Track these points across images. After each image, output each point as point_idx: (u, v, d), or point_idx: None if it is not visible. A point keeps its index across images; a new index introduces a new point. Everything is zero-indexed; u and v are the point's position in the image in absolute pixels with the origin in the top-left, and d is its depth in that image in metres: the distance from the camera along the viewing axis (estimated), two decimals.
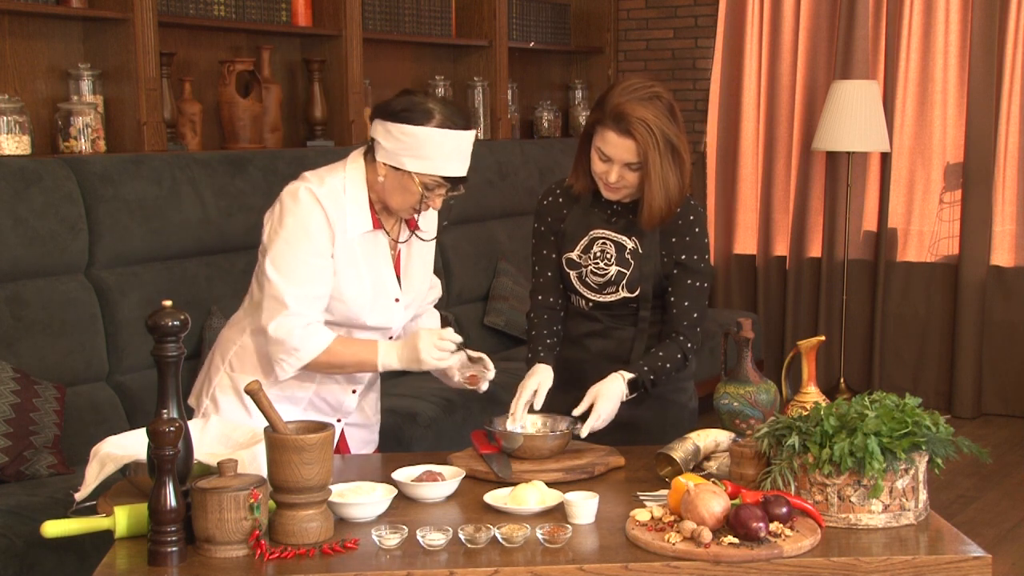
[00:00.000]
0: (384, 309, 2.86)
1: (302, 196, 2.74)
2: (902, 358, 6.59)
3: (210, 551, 2.15)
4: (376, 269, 2.84)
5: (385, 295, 2.86)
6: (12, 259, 3.75)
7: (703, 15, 7.00)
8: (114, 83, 4.44)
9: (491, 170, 5.84)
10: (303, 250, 2.72)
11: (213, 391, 2.89)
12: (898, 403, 2.37)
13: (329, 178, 2.79)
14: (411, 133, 2.69)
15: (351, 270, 2.79)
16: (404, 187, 2.74)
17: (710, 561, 2.14)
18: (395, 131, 2.70)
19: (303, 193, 2.75)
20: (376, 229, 2.83)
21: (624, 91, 2.81)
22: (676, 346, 2.96)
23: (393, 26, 5.70)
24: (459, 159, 2.75)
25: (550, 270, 3.05)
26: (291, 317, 2.71)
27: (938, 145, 6.39)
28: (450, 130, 2.71)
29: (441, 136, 2.70)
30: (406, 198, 2.76)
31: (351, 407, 2.94)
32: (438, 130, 2.69)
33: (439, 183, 2.74)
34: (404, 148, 2.70)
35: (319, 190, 2.75)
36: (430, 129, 2.69)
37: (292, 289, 2.71)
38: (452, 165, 2.73)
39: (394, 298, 2.88)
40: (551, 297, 3.06)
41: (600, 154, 2.85)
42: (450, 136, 2.71)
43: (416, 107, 2.71)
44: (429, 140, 2.69)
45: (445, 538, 2.20)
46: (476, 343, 5.47)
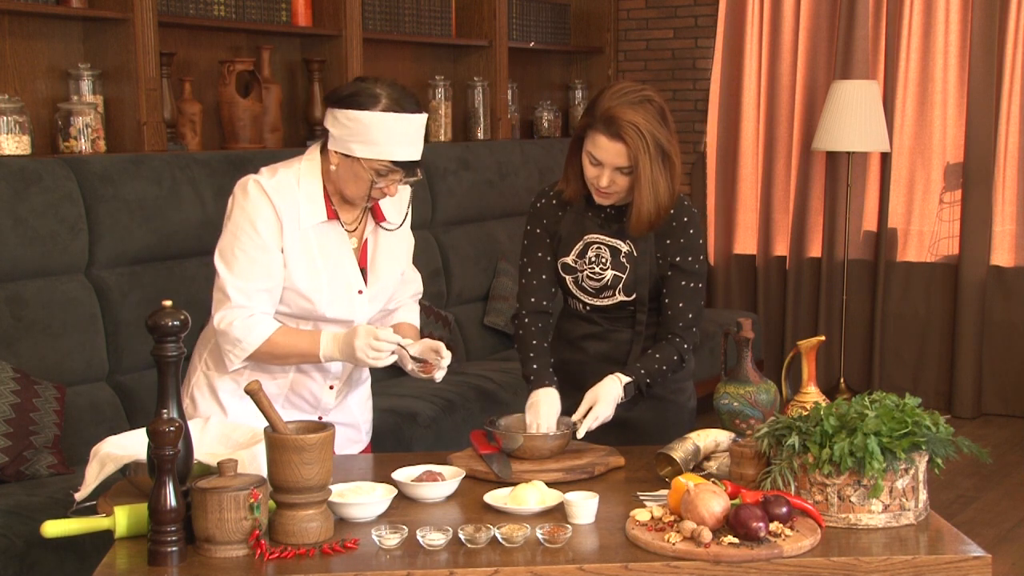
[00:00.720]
0: (344, 301, 2.81)
1: (249, 189, 2.73)
2: (902, 358, 6.59)
3: (210, 551, 2.15)
4: (334, 260, 2.80)
5: (346, 287, 2.81)
6: (12, 259, 3.75)
7: (703, 15, 7.00)
8: (114, 83, 4.44)
9: (491, 170, 5.85)
10: (247, 243, 2.71)
11: (192, 390, 2.89)
12: (898, 403, 2.37)
13: (283, 170, 2.77)
14: (357, 118, 2.65)
15: (305, 262, 2.76)
16: (355, 174, 2.71)
17: (710, 561, 2.14)
18: (342, 117, 2.67)
19: (251, 186, 2.73)
20: (331, 219, 2.78)
21: (615, 95, 2.80)
22: (672, 348, 2.96)
23: (393, 26, 5.70)
24: (408, 143, 2.69)
25: (544, 272, 3.04)
26: (233, 309, 2.71)
27: (938, 145, 6.39)
28: (397, 113, 2.66)
29: (389, 120, 2.65)
30: (359, 186, 2.72)
31: (329, 403, 2.91)
32: (385, 114, 2.65)
33: (390, 168, 2.70)
34: (352, 134, 2.67)
35: (268, 182, 2.73)
36: (376, 113, 2.65)
37: (236, 282, 2.71)
38: (401, 149, 2.68)
39: (356, 290, 2.84)
40: (544, 300, 3.03)
41: (591, 158, 2.84)
42: (398, 119, 2.66)
43: (363, 92, 2.67)
44: (376, 124, 2.65)
45: (445, 538, 2.20)
46: (476, 343, 5.47)
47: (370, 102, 2.66)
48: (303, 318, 2.81)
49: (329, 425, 2.28)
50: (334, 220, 2.80)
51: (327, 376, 2.88)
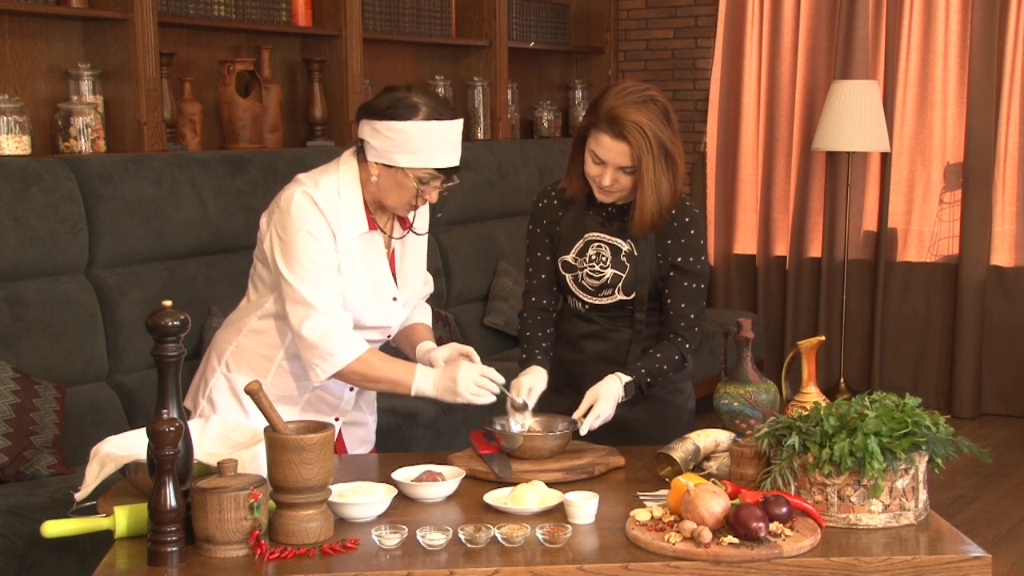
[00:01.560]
0: (383, 309, 2.86)
1: (301, 201, 2.73)
2: (902, 358, 6.59)
3: (210, 551, 2.15)
4: (373, 269, 2.84)
5: (383, 295, 2.86)
6: (12, 259, 3.75)
7: (703, 15, 7.00)
8: (114, 83, 4.44)
9: (491, 170, 5.85)
10: (314, 251, 2.72)
11: (209, 392, 2.89)
12: (898, 403, 2.37)
13: (323, 180, 2.78)
14: (399, 129, 2.69)
15: (349, 272, 2.79)
16: (399, 184, 2.74)
17: (710, 561, 2.14)
18: (383, 129, 2.71)
19: (301, 197, 2.74)
20: (372, 230, 2.83)
21: (619, 94, 2.80)
22: (674, 347, 2.96)
23: (393, 26, 5.70)
24: (450, 149, 2.76)
25: (544, 272, 3.05)
26: (321, 316, 2.71)
27: (938, 145, 6.39)
28: (438, 121, 2.72)
29: (430, 128, 2.71)
30: (402, 194, 2.76)
31: (348, 404, 2.94)
32: (426, 123, 2.70)
33: (433, 175, 2.75)
34: (394, 145, 2.71)
35: (315, 193, 2.74)
36: (418, 123, 2.70)
37: (315, 290, 2.71)
38: (444, 156, 2.75)
39: (391, 297, 2.88)
40: (544, 299, 3.05)
41: (594, 157, 2.84)
42: (439, 127, 2.72)
43: (401, 103, 2.71)
44: (418, 134, 2.70)
45: (445, 538, 2.20)
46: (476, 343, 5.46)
47: (410, 112, 2.70)
48: None
49: (328, 425, 2.28)
50: (374, 230, 2.84)
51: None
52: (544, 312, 3.05)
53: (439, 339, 5.01)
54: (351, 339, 2.73)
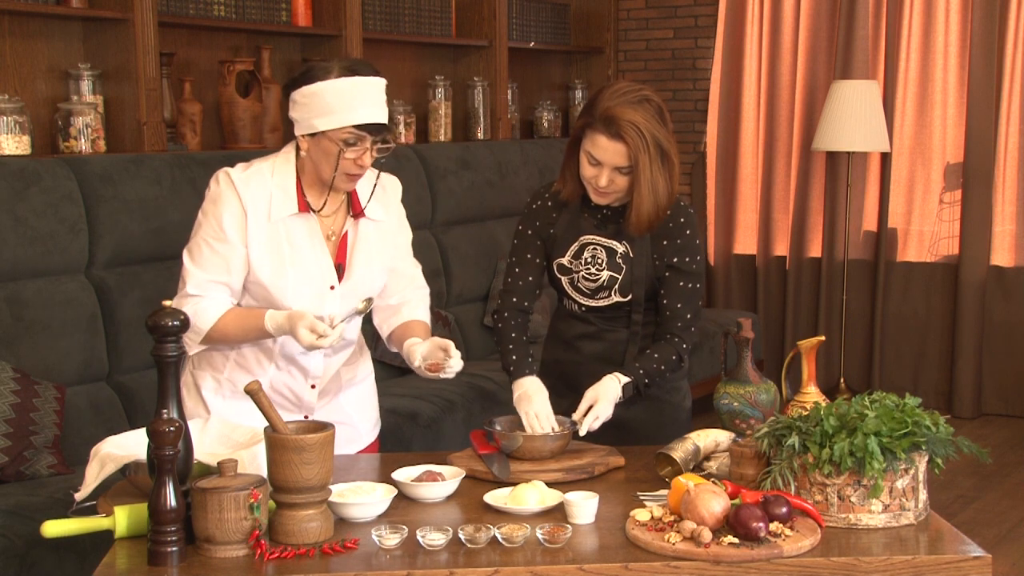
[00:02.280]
0: (315, 296, 2.75)
1: (219, 179, 2.73)
2: (902, 358, 6.59)
3: (210, 551, 2.15)
4: (303, 254, 2.74)
5: (316, 281, 2.76)
6: (12, 259, 3.75)
7: (703, 15, 7.00)
8: (114, 83, 4.44)
9: (491, 170, 5.85)
10: (207, 234, 2.72)
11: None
12: (898, 403, 2.37)
13: (257, 163, 2.76)
14: (312, 92, 2.62)
15: (271, 255, 2.72)
16: (324, 151, 2.65)
17: (710, 561, 2.14)
18: (299, 97, 2.65)
19: (221, 176, 2.73)
20: (303, 212, 2.73)
21: (614, 95, 2.79)
22: (671, 348, 2.95)
23: (393, 26, 5.70)
24: (370, 105, 2.63)
25: (531, 274, 3.03)
26: (187, 299, 2.72)
27: (938, 145, 6.39)
28: (351, 77, 2.62)
29: (343, 84, 2.61)
30: (329, 162, 2.66)
31: (312, 402, 2.87)
32: (339, 80, 2.61)
33: (357, 136, 2.63)
34: (311, 110, 2.63)
35: (238, 175, 2.72)
36: (331, 81, 2.61)
37: (194, 271, 2.72)
38: (363, 112, 2.62)
39: (328, 285, 2.77)
40: (526, 301, 3.03)
41: (590, 158, 2.84)
42: (352, 82, 2.61)
43: (315, 67, 2.65)
44: (331, 92, 2.60)
45: (445, 538, 2.20)
46: (476, 343, 5.47)
47: (323, 73, 2.62)
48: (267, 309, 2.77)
49: (329, 425, 2.28)
50: (306, 212, 2.76)
51: (308, 375, 2.85)
52: (524, 314, 3.03)
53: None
54: (208, 307, 2.71)
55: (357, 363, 2.98)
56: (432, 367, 2.71)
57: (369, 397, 3.06)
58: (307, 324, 2.61)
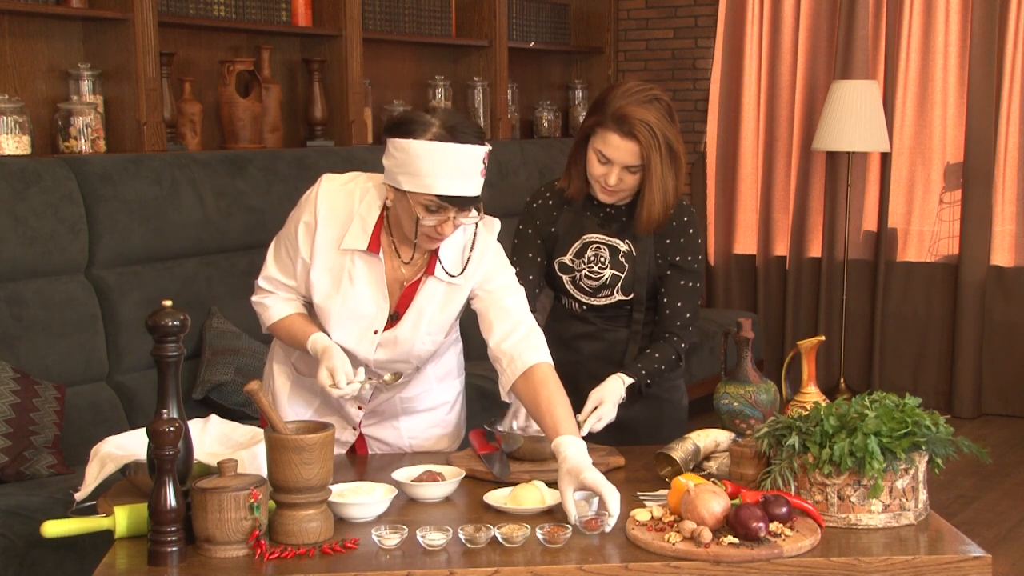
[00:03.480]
0: (355, 335, 2.68)
1: (314, 186, 2.70)
2: (902, 358, 6.59)
3: (210, 551, 2.15)
4: (359, 292, 2.66)
5: (365, 323, 2.67)
6: (12, 259, 3.75)
7: (703, 15, 7.00)
8: (114, 83, 4.44)
9: (491, 170, 5.75)
10: (285, 236, 2.74)
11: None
12: (898, 403, 2.37)
13: (356, 181, 2.67)
14: (404, 148, 2.46)
15: (332, 279, 2.65)
16: (405, 209, 2.52)
17: (710, 561, 2.14)
18: (391, 147, 2.50)
19: (319, 183, 2.69)
20: (372, 252, 2.63)
21: (625, 93, 2.80)
22: (670, 347, 2.96)
23: (393, 26, 5.70)
24: (459, 176, 2.46)
25: (531, 273, 3.02)
26: (258, 290, 2.79)
27: (938, 145, 6.39)
28: (444, 143, 2.44)
29: (434, 149, 2.44)
30: (408, 222, 2.53)
31: (355, 419, 2.87)
32: (431, 143, 2.44)
33: (440, 205, 2.48)
34: (399, 165, 2.48)
35: (328, 187, 2.65)
36: (423, 142, 2.44)
37: (269, 264, 2.76)
38: (447, 183, 2.45)
39: (372, 330, 2.69)
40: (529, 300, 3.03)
41: (600, 156, 2.84)
42: (446, 149, 2.44)
43: (415, 119, 2.48)
44: (422, 155, 2.44)
45: (445, 538, 2.20)
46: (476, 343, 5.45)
47: (420, 130, 2.46)
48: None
49: (329, 425, 2.27)
50: (375, 254, 2.63)
51: (359, 399, 2.82)
52: None
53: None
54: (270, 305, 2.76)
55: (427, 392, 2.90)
56: (589, 525, 2.28)
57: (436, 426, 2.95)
58: (329, 365, 2.58)
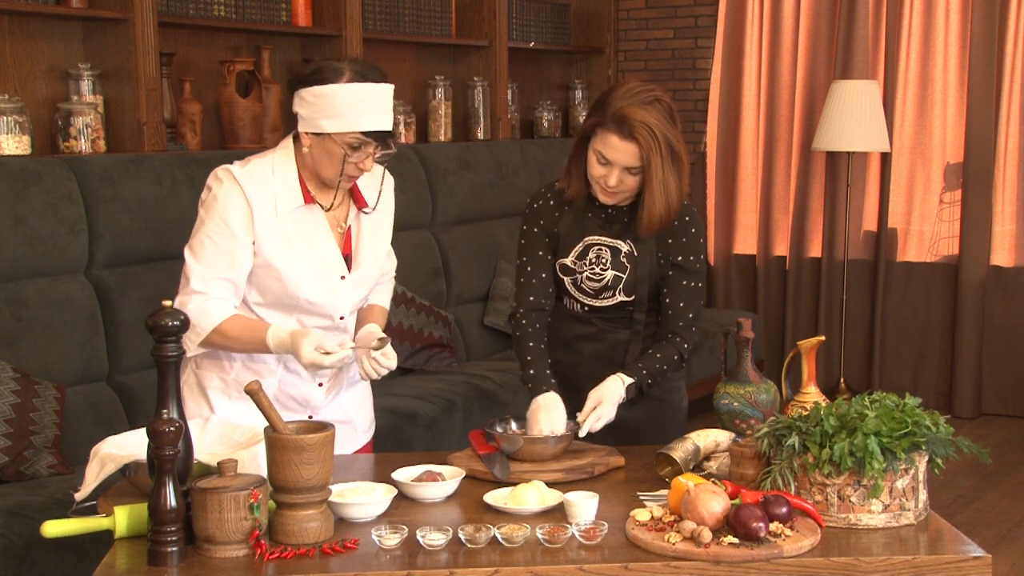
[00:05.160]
0: (326, 287, 2.78)
1: (221, 176, 2.72)
2: (902, 358, 6.59)
3: (210, 551, 2.15)
4: (313, 245, 2.77)
5: (327, 272, 2.78)
6: (12, 259, 3.75)
7: (703, 15, 7.00)
8: (114, 83, 4.44)
9: (491, 170, 5.85)
10: (213, 231, 2.71)
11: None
12: (898, 403, 2.37)
13: (256, 160, 2.76)
14: (322, 93, 2.63)
15: (283, 247, 2.74)
16: (328, 152, 2.68)
17: (710, 561, 2.14)
18: (308, 96, 2.66)
19: (222, 173, 2.73)
20: (308, 204, 2.76)
21: (626, 94, 2.79)
22: (672, 347, 2.95)
23: (393, 26, 5.70)
24: (377, 113, 2.67)
25: (544, 271, 3.01)
26: (191, 295, 2.71)
27: (938, 145, 6.39)
28: (361, 83, 2.64)
29: (353, 90, 2.63)
30: (333, 163, 2.69)
31: (319, 402, 2.88)
32: (349, 85, 2.63)
33: (363, 141, 2.67)
34: (319, 111, 2.65)
35: (239, 170, 2.72)
36: (341, 85, 2.63)
37: (198, 268, 2.71)
38: (370, 119, 2.65)
39: (339, 276, 2.80)
40: (543, 299, 3.01)
41: (600, 157, 2.83)
42: (363, 89, 2.64)
43: (326, 68, 2.66)
44: (342, 96, 2.63)
45: (445, 538, 2.20)
46: (476, 343, 5.47)
47: (334, 76, 2.64)
48: (283, 306, 2.77)
49: (329, 425, 2.28)
50: (312, 204, 2.77)
51: (315, 375, 2.85)
52: (542, 313, 3.02)
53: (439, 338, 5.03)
54: (212, 308, 2.70)
55: None
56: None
57: (367, 396, 3.06)
58: (312, 342, 2.63)
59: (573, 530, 2.23)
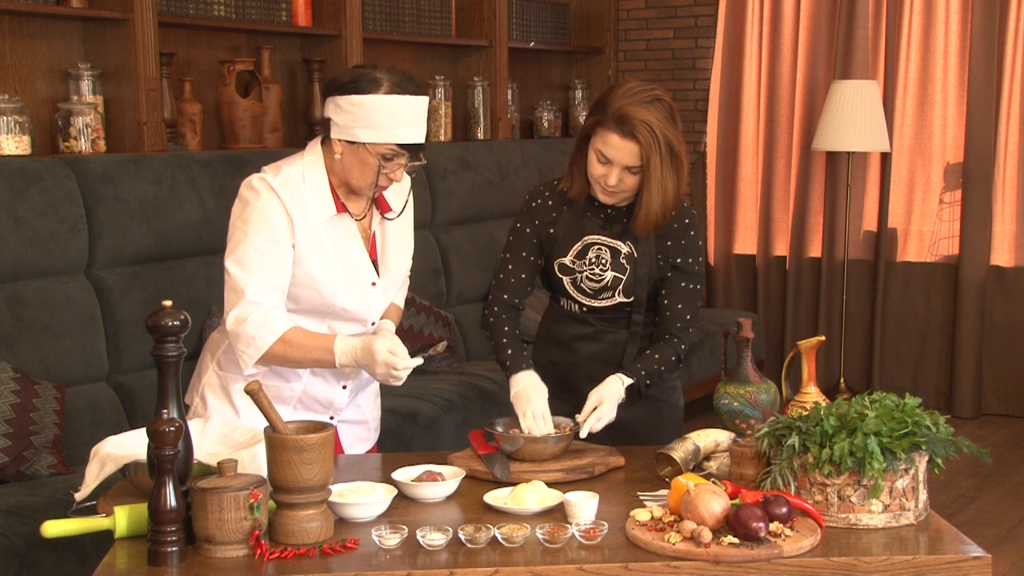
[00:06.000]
0: (360, 294, 2.81)
1: (257, 186, 2.72)
2: (902, 358, 6.59)
3: (210, 551, 2.15)
4: (346, 254, 2.79)
5: (360, 279, 2.81)
6: (12, 259, 3.75)
7: (703, 15, 7.00)
8: (114, 83, 4.44)
9: (491, 170, 5.85)
10: (259, 240, 2.69)
11: (203, 390, 2.88)
12: (898, 403, 2.37)
13: (286, 167, 2.76)
14: (360, 103, 2.65)
15: (319, 256, 2.75)
16: (361, 161, 2.70)
17: (710, 561, 2.14)
18: (344, 104, 2.67)
19: (257, 183, 2.72)
20: (340, 213, 2.78)
21: (626, 93, 2.79)
22: (670, 348, 2.95)
23: (393, 26, 5.70)
24: (412, 125, 2.69)
25: (525, 272, 3.02)
26: (248, 305, 2.67)
27: (938, 145, 6.39)
28: (399, 95, 2.66)
29: (391, 102, 2.65)
30: (365, 172, 2.71)
31: (342, 403, 2.91)
32: (388, 96, 2.65)
33: (396, 152, 2.69)
34: (355, 120, 2.67)
35: (274, 180, 2.72)
36: (379, 96, 2.65)
37: (249, 279, 2.68)
38: (405, 132, 2.68)
39: (370, 282, 2.83)
40: (517, 298, 3.02)
41: (600, 156, 2.83)
42: (400, 101, 2.66)
43: (364, 77, 2.67)
44: (379, 107, 2.65)
45: (445, 538, 2.20)
46: (476, 343, 5.47)
47: (372, 86, 2.66)
48: (316, 313, 2.79)
49: (329, 425, 2.28)
50: (343, 213, 2.79)
51: (340, 377, 2.88)
52: (515, 311, 3.02)
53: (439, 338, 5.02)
54: (272, 320, 2.67)
55: None
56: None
57: (377, 396, 3.10)
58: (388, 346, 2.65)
59: (573, 530, 2.24)
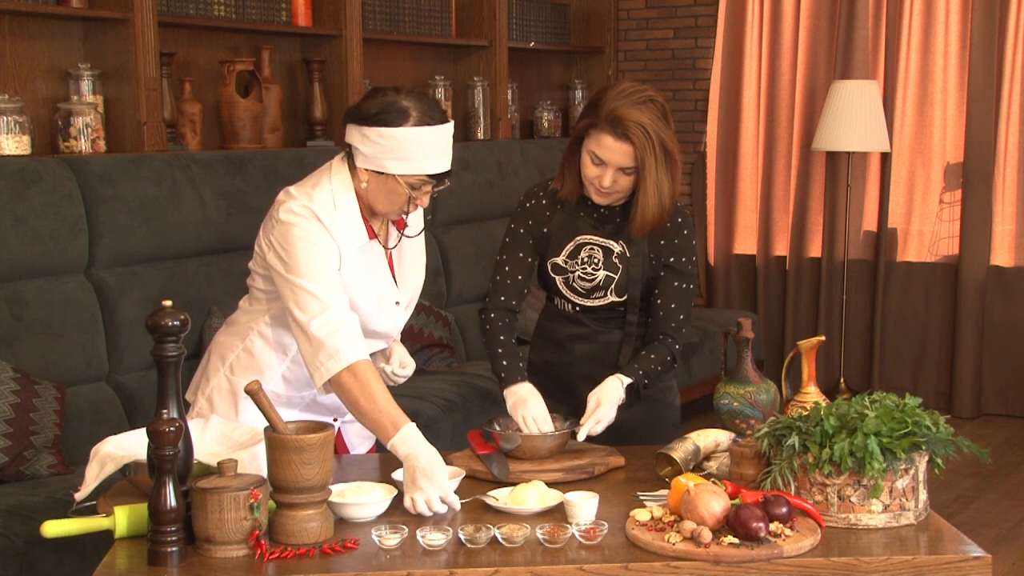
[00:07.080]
0: (388, 315, 2.83)
1: (302, 211, 2.66)
2: (902, 358, 6.59)
3: (210, 551, 2.15)
4: (376, 277, 2.80)
5: (387, 301, 2.83)
6: (12, 259, 3.75)
7: (703, 15, 7.00)
8: (114, 83, 4.44)
9: (491, 170, 5.85)
10: (319, 258, 2.64)
11: (211, 392, 2.87)
12: (898, 403, 2.37)
13: (317, 193, 2.71)
14: (390, 135, 2.61)
15: (354, 282, 2.74)
16: (390, 190, 2.68)
17: (710, 561, 2.14)
18: (372, 135, 2.63)
19: (301, 209, 2.66)
20: (371, 239, 2.77)
21: (619, 95, 2.79)
22: (665, 348, 2.95)
23: (393, 26, 5.70)
24: (441, 154, 2.67)
25: (521, 273, 3.01)
26: (334, 314, 2.60)
27: (938, 145, 6.39)
28: (428, 127, 2.63)
29: (421, 134, 2.62)
30: (393, 200, 2.69)
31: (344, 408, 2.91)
32: (417, 129, 2.62)
33: (424, 181, 2.67)
34: (384, 151, 2.63)
35: (316, 207, 2.68)
36: (408, 129, 2.61)
37: (326, 289, 2.62)
38: (435, 162, 2.66)
39: (394, 302, 2.85)
40: (514, 300, 3.01)
41: (594, 158, 2.83)
42: (430, 133, 2.63)
43: (391, 108, 2.63)
44: (409, 140, 2.61)
45: (445, 538, 2.20)
46: (476, 343, 5.47)
47: (400, 118, 2.62)
48: None
49: (329, 425, 2.28)
50: (373, 240, 2.79)
51: None
52: (512, 314, 3.01)
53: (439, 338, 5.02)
54: (358, 342, 2.62)
55: None
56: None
57: None
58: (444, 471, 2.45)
59: (573, 530, 2.24)
